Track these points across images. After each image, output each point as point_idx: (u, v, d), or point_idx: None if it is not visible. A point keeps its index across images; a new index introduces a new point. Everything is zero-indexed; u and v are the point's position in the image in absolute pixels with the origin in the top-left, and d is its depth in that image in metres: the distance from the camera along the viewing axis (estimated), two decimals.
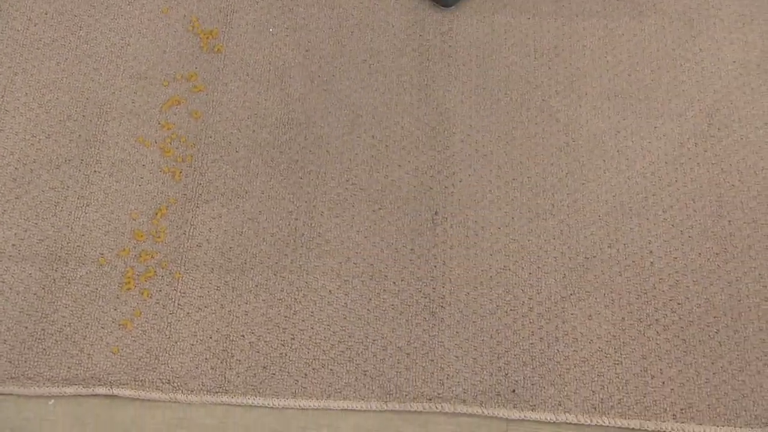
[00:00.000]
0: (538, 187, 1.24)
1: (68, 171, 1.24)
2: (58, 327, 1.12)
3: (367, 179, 1.25)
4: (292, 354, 1.11)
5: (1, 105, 1.28)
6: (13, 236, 1.18)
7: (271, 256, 1.18)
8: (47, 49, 1.35)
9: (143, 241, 1.19)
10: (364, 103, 1.31)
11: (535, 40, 1.38)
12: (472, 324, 1.13)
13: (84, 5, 1.40)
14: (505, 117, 1.30)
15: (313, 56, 1.37)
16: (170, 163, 1.25)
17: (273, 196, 1.23)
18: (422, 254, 1.18)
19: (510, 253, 1.18)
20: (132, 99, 1.31)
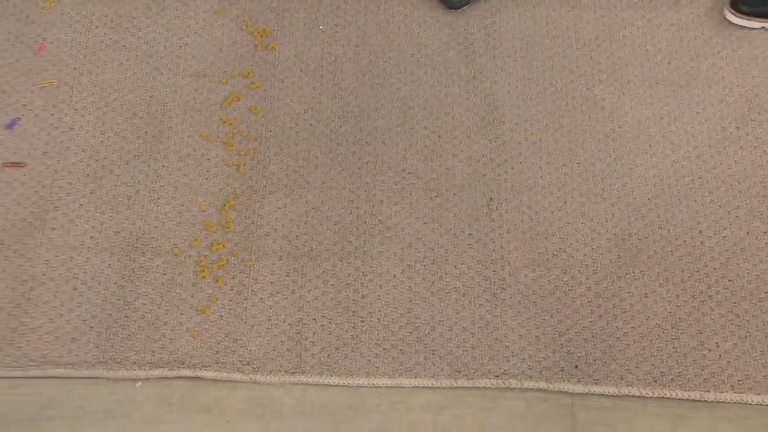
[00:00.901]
0: (587, 172, 1.27)
1: (138, 166, 1.27)
2: (140, 314, 1.16)
3: (423, 168, 1.28)
4: (363, 335, 1.15)
5: (71, 105, 1.32)
6: (90, 229, 1.21)
7: (336, 243, 1.22)
8: (109, 50, 1.38)
9: (214, 231, 1.22)
10: (415, 96, 1.35)
11: (576, 32, 1.41)
12: (532, 304, 1.17)
13: (141, 8, 1.43)
14: (551, 106, 1.34)
15: (363, 51, 1.40)
16: (234, 157, 1.29)
17: (333, 186, 1.27)
18: (480, 239, 1.22)
19: (565, 236, 1.22)
20: (193, 96, 1.35)
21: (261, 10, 1.44)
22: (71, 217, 1.22)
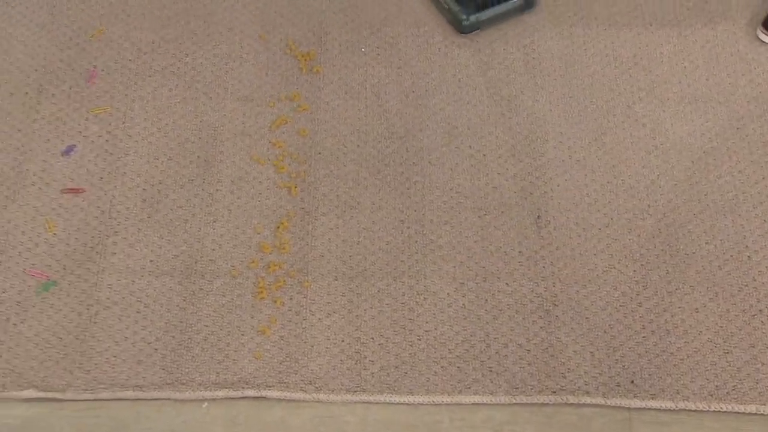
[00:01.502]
0: (632, 189, 1.29)
1: (192, 190, 1.29)
2: (203, 336, 1.18)
3: (470, 187, 1.30)
4: (421, 354, 1.17)
5: (124, 131, 1.34)
6: (150, 253, 1.23)
7: (389, 263, 1.23)
8: (159, 76, 1.40)
9: (270, 253, 1.24)
10: (458, 116, 1.37)
11: (614, 50, 1.43)
12: (585, 320, 1.18)
13: (187, 33, 1.45)
14: (593, 124, 1.36)
15: (405, 73, 1.42)
16: (285, 179, 1.31)
17: (383, 207, 1.28)
18: (530, 256, 1.24)
19: (613, 252, 1.24)
20: (242, 120, 1.36)
21: (303, 33, 1.46)
22: (131, 242, 1.23)
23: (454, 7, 1.41)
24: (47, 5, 1.45)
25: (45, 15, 1.44)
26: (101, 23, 1.45)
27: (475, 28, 1.40)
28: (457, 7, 1.41)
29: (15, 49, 1.41)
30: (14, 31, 1.42)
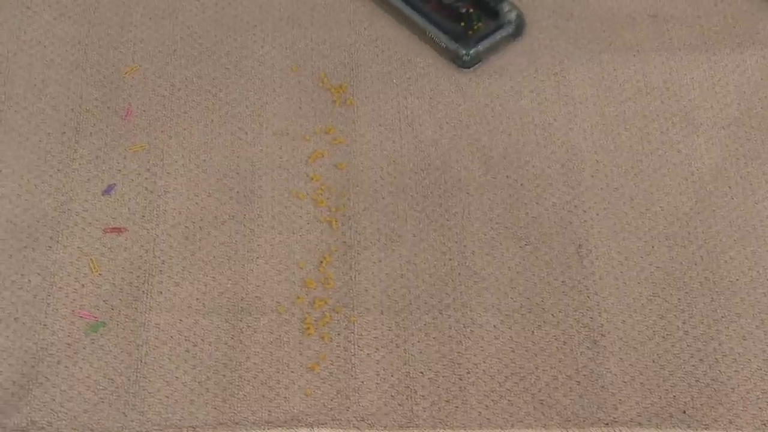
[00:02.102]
0: (671, 216, 1.29)
1: (234, 226, 1.29)
2: (252, 374, 1.18)
3: (510, 217, 1.30)
4: (471, 387, 1.17)
5: (163, 168, 1.34)
6: (195, 291, 1.23)
7: (434, 296, 1.23)
8: (194, 112, 1.40)
9: (314, 288, 1.24)
10: (493, 145, 1.37)
11: (644, 76, 1.44)
12: (633, 350, 1.19)
13: (220, 69, 1.45)
14: (628, 151, 1.36)
15: (438, 103, 1.42)
16: (325, 213, 1.31)
17: (425, 239, 1.29)
18: (574, 286, 1.24)
19: (656, 281, 1.24)
20: (279, 155, 1.37)
21: (335, 66, 1.46)
22: (176, 280, 1.23)
23: (451, 44, 1.42)
24: (80, 44, 1.45)
25: (78, 54, 1.44)
26: (134, 60, 1.45)
27: (477, 62, 1.41)
28: (455, 44, 1.41)
29: (50, 88, 1.41)
30: (48, 71, 1.42)
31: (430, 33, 1.46)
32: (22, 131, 1.39)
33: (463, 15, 1.48)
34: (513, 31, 1.47)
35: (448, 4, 1.48)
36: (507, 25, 1.47)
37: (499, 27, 1.47)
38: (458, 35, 1.46)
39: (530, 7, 1.51)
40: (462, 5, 1.48)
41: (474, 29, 1.46)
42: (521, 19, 1.47)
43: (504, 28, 1.47)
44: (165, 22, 1.51)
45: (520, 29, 1.47)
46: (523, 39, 1.48)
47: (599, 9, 1.52)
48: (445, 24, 1.47)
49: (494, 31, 1.47)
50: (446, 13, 1.48)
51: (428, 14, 1.48)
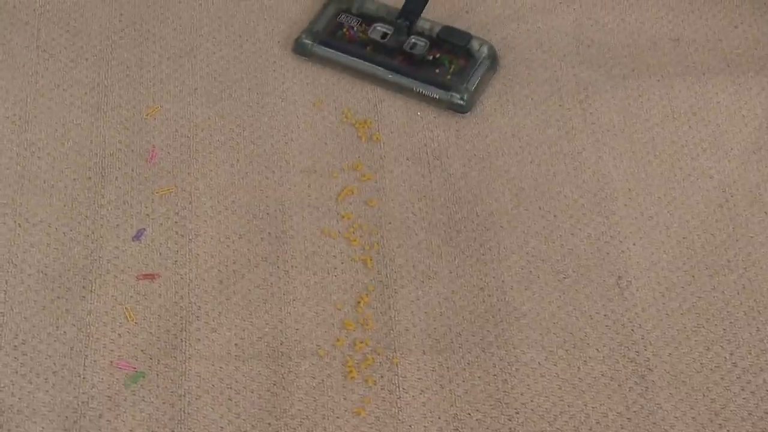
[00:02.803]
0: (709, 244, 1.28)
1: (267, 268, 1.27)
2: (298, 420, 1.15)
3: (545, 250, 1.28)
4: (521, 428, 1.15)
5: (192, 211, 1.31)
6: (234, 337, 1.21)
7: (475, 334, 1.21)
8: (219, 152, 1.38)
9: (353, 330, 1.22)
10: (523, 176, 1.35)
11: (670, 101, 1.42)
12: (682, 384, 1.17)
13: (242, 107, 1.43)
14: (659, 178, 1.34)
15: (464, 135, 1.40)
16: (359, 252, 1.29)
17: (461, 275, 1.27)
18: (616, 319, 1.22)
19: (700, 311, 1.22)
20: (307, 193, 1.34)
21: (357, 101, 1.44)
22: (213, 326, 1.21)
23: (443, 94, 1.40)
24: (99, 86, 1.42)
25: (98, 96, 1.42)
26: (154, 101, 1.42)
27: (473, 104, 1.40)
28: (447, 93, 1.39)
29: (72, 132, 1.38)
30: (69, 115, 1.40)
31: (417, 89, 1.43)
32: (46, 178, 1.36)
33: (436, 61, 1.46)
34: (490, 64, 1.46)
35: (418, 55, 1.44)
36: (483, 60, 1.45)
37: (476, 63, 1.45)
38: (444, 83, 1.43)
39: (549, 34, 1.49)
40: (428, 53, 1.45)
41: (451, 72, 1.44)
42: (493, 50, 1.46)
43: (481, 63, 1.45)
44: (183, 61, 1.48)
45: (495, 61, 1.47)
46: (545, 66, 1.45)
47: (620, 34, 1.50)
48: (423, 75, 1.44)
49: (474, 68, 1.45)
50: (418, 64, 1.45)
51: (404, 71, 1.45)
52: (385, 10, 1.41)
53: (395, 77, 1.42)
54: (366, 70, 1.39)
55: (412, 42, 1.40)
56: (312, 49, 1.40)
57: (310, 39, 1.41)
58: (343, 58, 1.39)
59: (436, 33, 1.38)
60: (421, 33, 1.39)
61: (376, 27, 1.41)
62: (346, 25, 1.40)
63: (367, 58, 1.38)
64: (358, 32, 1.39)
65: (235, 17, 1.51)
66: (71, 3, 1.51)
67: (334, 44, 1.40)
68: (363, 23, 1.41)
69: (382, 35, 1.40)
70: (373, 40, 1.40)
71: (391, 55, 1.38)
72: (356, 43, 1.40)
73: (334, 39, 1.40)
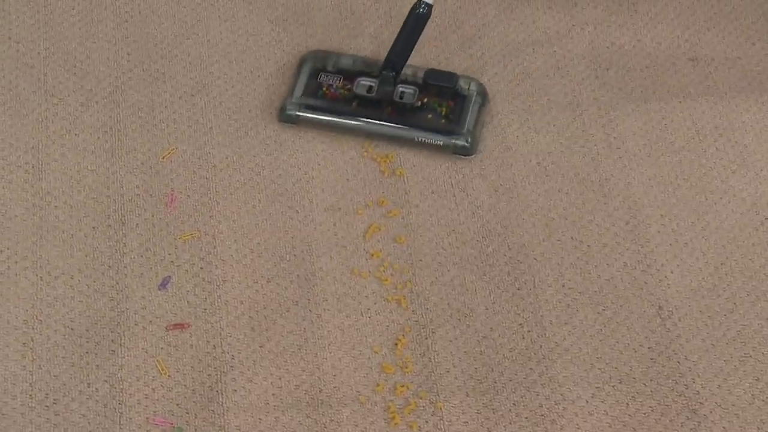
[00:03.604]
0: (749, 269, 1.25)
1: (299, 312, 1.23)
2: None
3: (581, 281, 1.25)
4: None
5: (217, 255, 1.27)
6: (270, 386, 1.17)
7: (518, 372, 1.18)
8: (240, 192, 1.34)
9: (393, 373, 1.18)
10: (552, 206, 1.32)
11: (694, 122, 1.40)
12: (735, 417, 1.14)
13: (259, 145, 1.39)
14: (691, 202, 1.32)
15: (489, 165, 1.37)
16: (392, 291, 1.25)
17: (498, 311, 1.23)
18: (661, 351, 1.19)
19: (746, 340, 1.20)
20: (333, 231, 1.31)
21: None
22: (248, 376, 1.17)
23: (446, 139, 1.35)
24: (111, 129, 1.38)
25: (111, 140, 1.37)
26: (169, 142, 1.38)
27: (477, 145, 1.35)
28: (449, 138, 1.34)
29: (87, 179, 1.34)
30: (83, 161, 1.35)
31: (418, 138, 1.37)
32: (65, 228, 1.32)
33: (425, 107, 1.40)
34: (482, 101, 1.41)
35: (408, 104, 1.34)
36: (474, 98, 1.41)
37: (469, 102, 1.41)
38: (442, 128, 1.38)
39: (566, 59, 1.46)
40: (415, 99, 1.39)
41: (444, 115, 1.39)
42: (482, 87, 1.42)
43: (474, 101, 1.40)
44: (196, 100, 1.44)
45: (486, 96, 1.42)
46: (565, 91, 1.42)
47: (637, 56, 1.47)
48: (419, 123, 1.38)
49: (467, 107, 1.40)
50: (410, 113, 1.38)
51: (398, 122, 1.38)
52: (362, 63, 1.36)
53: (392, 130, 1.32)
54: (360, 127, 1.33)
55: (400, 91, 1.32)
56: (298, 117, 1.34)
57: (295, 108, 1.34)
58: (335, 119, 1.33)
59: (421, 78, 1.32)
60: (405, 81, 1.31)
61: (360, 81, 1.34)
62: (325, 84, 1.33)
63: (357, 115, 1.32)
64: (339, 90, 1.32)
65: (245, 53, 1.47)
66: (76, 44, 1.46)
67: (321, 107, 1.33)
68: (343, 79, 1.33)
69: (367, 89, 1.33)
70: (359, 96, 1.33)
71: (381, 107, 1.32)
72: (341, 101, 1.33)
73: (319, 101, 1.33)
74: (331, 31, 1.49)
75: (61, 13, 1.48)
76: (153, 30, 1.48)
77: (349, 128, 1.32)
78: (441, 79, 1.31)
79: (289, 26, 1.50)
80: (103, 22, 1.48)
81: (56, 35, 1.46)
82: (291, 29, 1.50)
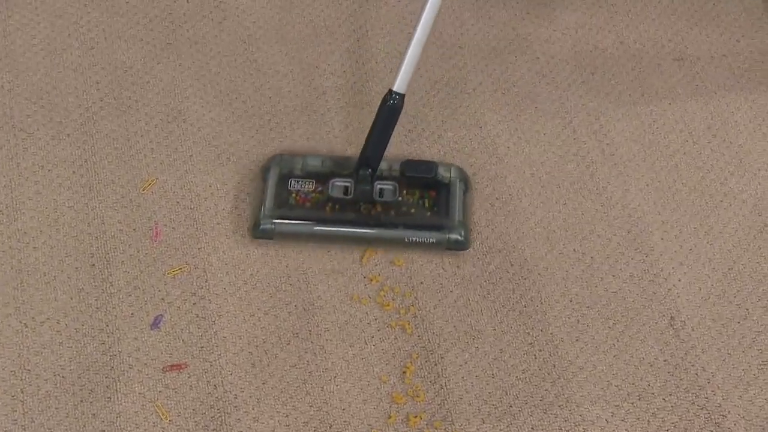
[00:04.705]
0: (757, 273, 1.23)
1: (300, 344, 1.18)
2: None
3: (589, 295, 1.22)
4: None
5: (209, 289, 1.23)
6: (278, 425, 1.12)
7: (533, 394, 1.14)
8: (227, 222, 1.31)
9: (404, 404, 1.14)
10: (552, 218, 1.29)
11: (686, 124, 1.37)
12: (760, 429, 1.11)
13: (243, 170, 1.34)
14: (691, 207, 1.29)
15: (482, 178, 1.34)
16: (394, 317, 1.21)
17: (506, 331, 1.19)
18: (677, 364, 1.16)
19: (762, 347, 1.17)
20: (329, 258, 1.27)
21: None
22: (254, 415, 1.12)
23: (438, 236, 1.25)
24: (87, 163, 1.32)
25: (88, 174, 1.31)
26: (148, 173, 1.32)
27: (469, 237, 1.27)
28: (441, 234, 1.25)
29: (65, 216, 1.27)
30: (59, 198, 1.29)
31: (409, 238, 1.23)
32: (46, 270, 1.25)
33: (406, 201, 1.27)
34: (465, 186, 1.31)
35: (391, 202, 1.24)
36: (459, 184, 1.30)
37: (453, 191, 1.29)
38: (432, 224, 1.26)
39: (550, 64, 1.42)
40: (396, 195, 1.25)
41: (428, 208, 1.28)
42: (462, 171, 1.32)
43: (457, 188, 1.29)
44: (172, 127, 1.38)
45: (467, 181, 1.31)
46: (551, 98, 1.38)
47: (621, 58, 1.44)
48: (405, 221, 1.26)
49: (451, 197, 1.28)
50: (394, 210, 1.24)
51: (383, 223, 1.24)
52: (331, 163, 1.26)
53: (379, 233, 1.23)
54: (344, 234, 1.24)
55: (379, 189, 1.23)
56: (274, 231, 1.24)
57: (269, 222, 1.24)
58: (317, 229, 1.23)
59: (398, 171, 1.23)
60: (381, 176, 1.23)
61: (335, 183, 1.24)
62: (295, 190, 1.24)
63: (337, 221, 1.22)
64: (311, 194, 1.24)
65: (219, 74, 1.41)
66: (42, 75, 1.39)
67: (296, 216, 1.24)
68: (315, 183, 1.24)
69: (343, 190, 1.23)
70: (335, 198, 1.23)
71: (360, 209, 1.22)
72: (316, 207, 1.23)
73: (293, 210, 1.24)
74: (293, 130, 1.40)
75: (23, 44, 1.41)
76: (121, 56, 1.42)
77: (330, 237, 1.23)
78: (420, 170, 1.22)
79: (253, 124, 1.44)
80: (67, 51, 1.41)
81: (19, 66, 1.39)
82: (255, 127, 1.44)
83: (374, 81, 1.40)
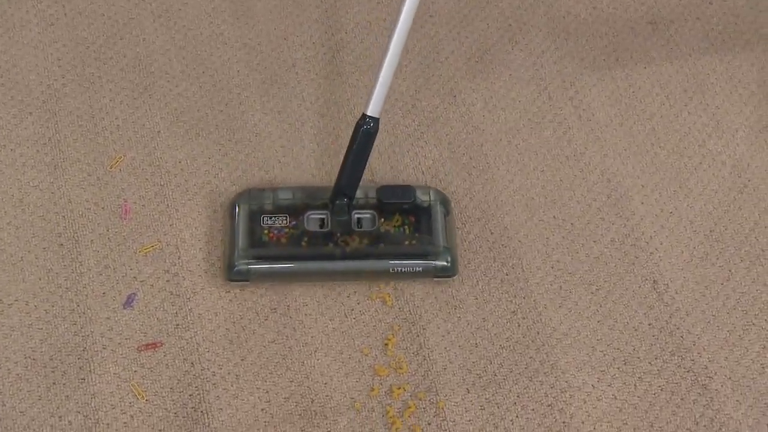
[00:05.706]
0: (738, 233, 1.24)
1: (278, 319, 1.17)
2: None
3: (571, 261, 1.21)
4: None
5: (184, 266, 1.22)
6: (258, 401, 1.10)
7: (518, 362, 1.13)
8: (198, 198, 1.28)
9: (387, 376, 1.12)
10: (530, 185, 1.28)
11: (662, 87, 1.37)
12: (747, 389, 1.11)
13: (214, 146, 1.32)
14: (670, 170, 1.28)
15: (458, 147, 1.33)
16: (374, 290, 1.20)
17: (488, 299, 1.19)
18: (662, 327, 1.15)
19: (746, 308, 1.18)
20: None
21: None
22: (233, 392, 1.10)
23: (426, 265, 1.20)
24: (51, 141, 1.29)
25: (53, 153, 1.28)
26: (116, 150, 1.29)
27: (456, 261, 1.21)
28: (429, 262, 1.20)
29: (31, 196, 1.25)
30: (23, 177, 1.26)
31: (394, 269, 1.18)
32: (13, 251, 1.22)
33: (386, 230, 1.21)
34: (445, 209, 1.25)
35: (371, 231, 1.18)
36: (439, 208, 1.24)
37: (434, 215, 1.23)
38: (417, 252, 1.20)
39: (522, 31, 1.41)
40: (375, 224, 1.19)
41: (409, 234, 1.21)
42: (441, 194, 1.23)
43: (438, 212, 1.22)
44: (139, 103, 1.36)
45: (448, 203, 1.26)
46: (525, 65, 1.37)
47: (595, 23, 1.43)
48: (388, 251, 1.18)
49: (433, 221, 1.22)
50: (375, 240, 1.18)
51: (365, 254, 1.18)
52: (303, 195, 1.19)
53: (362, 265, 1.18)
54: (326, 269, 1.18)
55: (357, 218, 1.17)
56: (250, 273, 1.18)
57: (245, 264, 1.18)
58: (296, 267, 1.18)
59: (374, 198, 1.18)
60: (357, 205, 1.17)
61: (310, 216, 1.17)
62: (267, 227, 1.18)
63: (317, 257, 1.17)
64: (285, 229, 1.17)
65: (185, 49, 1.38)
66: (0, 52, 1.36)
67: (272, 254, 1.18)
68: (288, 218, 1.18)
69: (320, 223, 1.17)
70: (311, 232, 1.17)
71: (338, 242, 1.17)
72: (295, 242, 1.17)
73: (268, 249, 1.17)
74: (263, 104, 1.37)
75: None
76: (82, 32, 1.39)
77: (312, 274, 1.18)
78: (398, 196, 1.18)
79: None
80: (26, 27, 1.38)
81: None
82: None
83: (345, 52, 1.38)
